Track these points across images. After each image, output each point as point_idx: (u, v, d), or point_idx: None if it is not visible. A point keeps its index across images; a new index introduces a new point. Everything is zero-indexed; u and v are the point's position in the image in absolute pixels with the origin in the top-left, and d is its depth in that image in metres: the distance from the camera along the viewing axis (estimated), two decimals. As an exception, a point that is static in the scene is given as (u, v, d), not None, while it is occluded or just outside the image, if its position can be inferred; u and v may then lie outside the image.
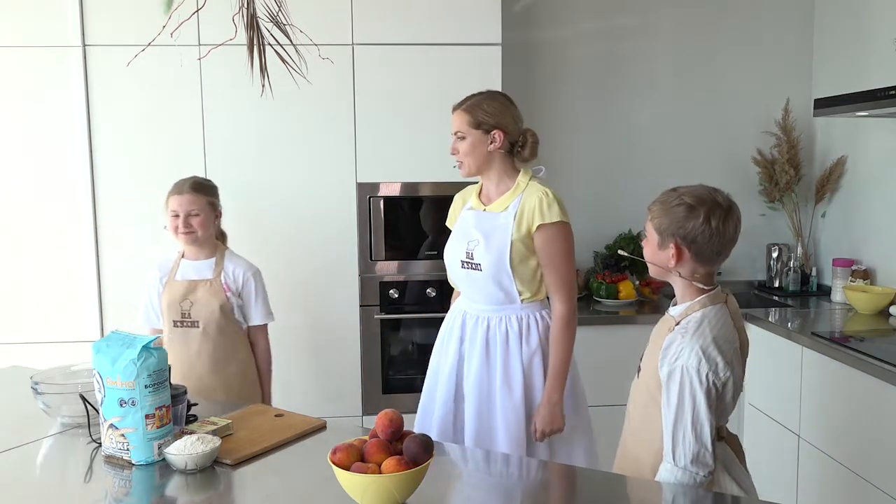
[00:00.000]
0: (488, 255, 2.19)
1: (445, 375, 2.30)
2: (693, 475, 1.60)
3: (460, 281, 2.32)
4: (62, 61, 3.00)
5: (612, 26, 3.71)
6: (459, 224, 2.34)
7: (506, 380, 2.21)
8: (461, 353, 2.29)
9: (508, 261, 2.17)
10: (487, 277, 2.21)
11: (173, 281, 2.52)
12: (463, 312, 2.31)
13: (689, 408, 1.60)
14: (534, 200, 2.18)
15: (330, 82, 3.01)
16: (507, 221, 2.19)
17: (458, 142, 2.23)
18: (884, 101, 2.73)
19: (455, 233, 2.34)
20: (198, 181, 2.58)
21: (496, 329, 2.23)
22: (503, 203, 2.23)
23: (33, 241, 3.08)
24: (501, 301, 2.23)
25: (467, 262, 2.24)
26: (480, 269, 2.21)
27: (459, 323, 2.30)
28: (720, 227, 1.67)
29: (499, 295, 2.22)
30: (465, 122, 2.21)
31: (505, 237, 2.18)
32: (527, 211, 2.18)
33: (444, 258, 2.36)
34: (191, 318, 2.48)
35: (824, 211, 3.71)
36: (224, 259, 2.57)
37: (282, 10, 1.75)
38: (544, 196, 2.17)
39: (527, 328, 2.23)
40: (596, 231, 3.74)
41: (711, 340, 1.63)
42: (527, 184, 2.23)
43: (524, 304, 2.23)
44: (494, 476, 1.75)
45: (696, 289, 1.72)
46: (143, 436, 1.64)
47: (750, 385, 3.25)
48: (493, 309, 2.24)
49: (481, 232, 2.23)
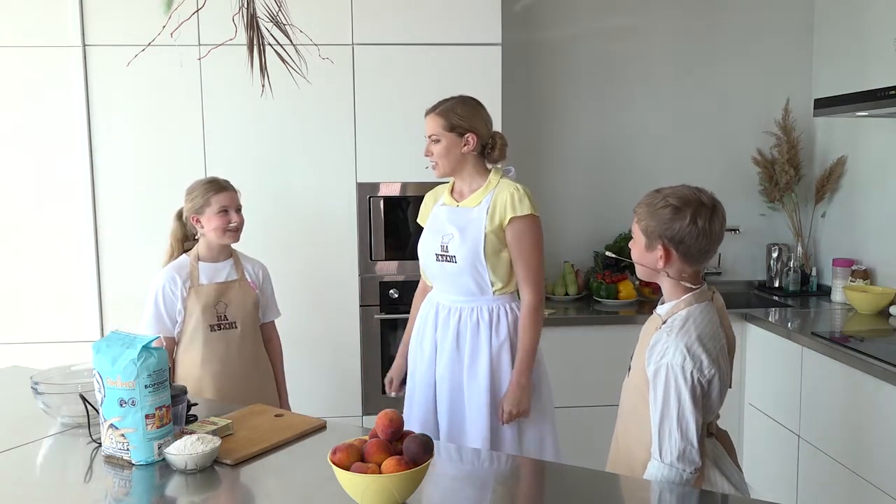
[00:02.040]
0: (463, 248, 2.28)
1: (424, 366, 2.39)
2: (680, 472, 1.61)
3: (434, 275, 2.41)
4: (62, 61, 3.00)
5: (612, 26, 3.71)
6: (433, 220, 2.42)
7: (472, 368, 2.30)
8: (435, 343, 2.37)
9: (482, 252, 2.26)
10: (462, 269, 2.29)
11: (200, 285, 2.44)
12: (436, 304, 2.39)
13: (674, 405, 1.62)
14: (506, 195, 2.27)
15: (330, 82, 3.01)
16: (480, 215, 2.29)
17: (432, 144, 2.32)
18: (884, 101, 2.74)
19: (428, 228, 2.43)
20: (225, 179, 2.52)
21: (467, 319, 2.32)
22: (476, 199, 2.32)
23: (33, 241, 3.08)
24: (474, 292, 2.31)
25: (442, 255, 2.33)
26: (455, 261, 2.30)
27: (433, 314, 2.38)
28: (707, 227, 1.68)
29: (471, 286, 2.31)
30: (440, 126, 2.30)
31: (479, 230, 2.27)
32: (499, 205, 2.27)
33: (419, 252, 2.44)
34: (228, 320, 2.46)
35: (824, 211, 3.71)
36: (240, 258, 2.57)
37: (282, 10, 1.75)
38: (515, 191, 2.27)
39: (497, 319, 2.31)
40: (596, 231, 3.75)
41: (696, 338, 1.65)
42: (498, 181, 2.33)
43: (496, 295, 2.32)
44: (494, 475, 1.75)
45: (683, 288, 1.74)
46: (143, 436, 1.64)
47: (750, 385, 3.26)
48: (465, 300, 2.33)
49: (455, 226, 2.31)
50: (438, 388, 2.36)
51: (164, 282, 2.43)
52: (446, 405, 2.34)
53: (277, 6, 1.74)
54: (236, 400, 2.28)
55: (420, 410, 2.40)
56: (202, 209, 2.44)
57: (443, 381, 2.35)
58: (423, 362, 2.40)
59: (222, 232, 2.44)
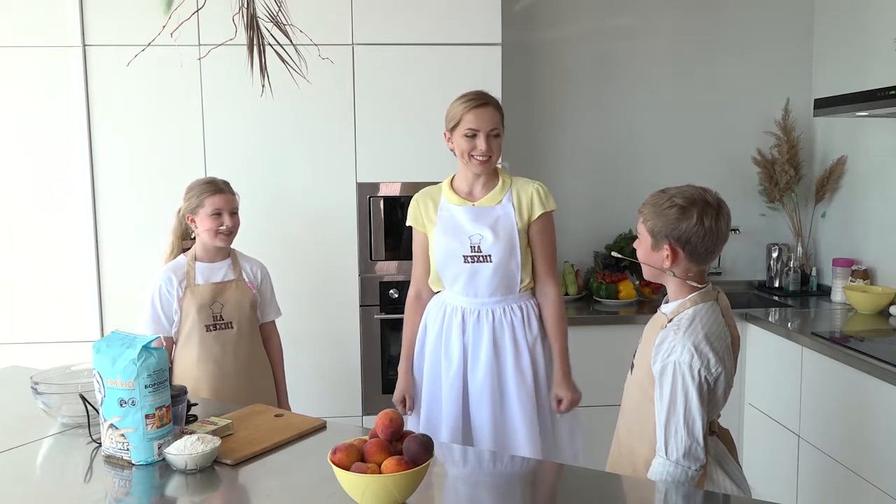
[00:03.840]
0: (498, 246, 2.26)
1: (452, 374, 2.31)
2: (685, 469, 1.62)
3: (456, 277, 2.31)
4: (62, 61, 3.00)
5: (612, 26, 3.71)
6: (448, 222, 2.32)
7: (517, 367, 2.29)
8: (463, 348, 2.31)
9: (518, 249, 2.27)
10: (496, 268, 2.27)
11: (195, 285, 2.45)
12: (460, 309, 2.32)
13: (681, 403, 1.63)
14: (530, 191, 2.30)
15: (330, 82, 3.01)
16: (507, 212, 2.28)
17: (492, 139, 2.26)
18: (884, 101, 2.73)
19: (445, 231, 2.32)
20: (224, 181, 2.52)
21: (502, 320, 2.31)
22: (495, 197, 2.31)
23: (33, 241, 3.08)
24: (504, 292, 2.31)
25: (473, 256, 2.28)
26: (490, 260, 2.27)
27: (458, 319, 2.31)
28: (713, 226, 1.70)
29: (503, 286, 2.30)
30: (500, 120, 2.29)
31: (511, 227, 2.28)
32: (524, 201, 2.30)
33: (436, 257, 2.34)
34: (224, 320, 2.46)
35: (824, 211, 3.71)
36: (238, 258, 2.56)
37: (282, 10, 1.75)
38: (540, 187, 2.32)
39: (527, 316, 2.33)
40: (596, 231, 3.75)
41: (703, 337, 1.66)
42: (510, 179, 2.34)
43: (521, 293, 2.33)
44: (493, 476, 1.75)
45: (689, 287, 1.74)
46: (143, 436, 1.64)
47: (750, 385, 3.26)
48: (496, 301, 2.31)
49: (485, 225, 2.28)
50: (475, 394, 2.29)
51: (161, 282, 2.44)
52: (488, 410, 2.27)
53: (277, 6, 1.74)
54: (233, 400, 2.28)
55: (450, 419, 2.31)
56: (196, 209, 2.44)
57: (483, 387, 2.28)
58: (452, 370, 2.31)
59: (214, 234, 2.44)
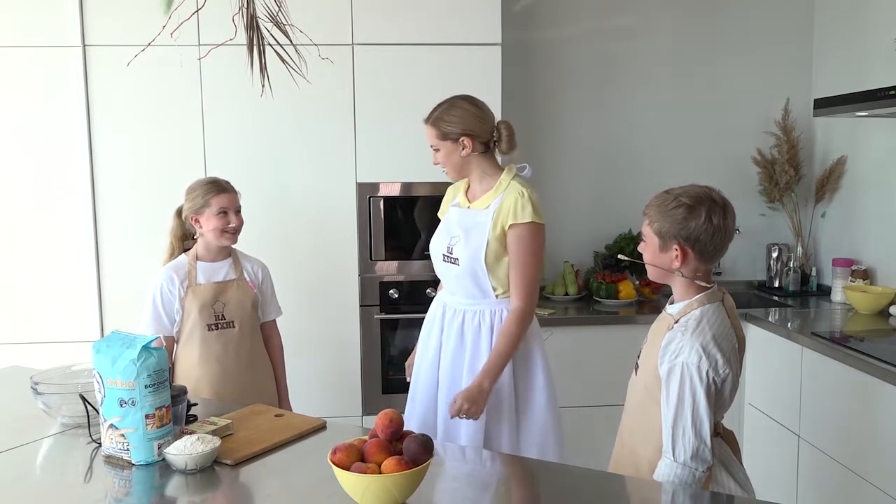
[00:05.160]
0: (466, 251, 2.28)
1: (427, 364, 2.40)
2: (692, 470, 1.62)
3: (441, 274, 2.42)
4: (62, 61, 3.00)
5: (611, 26, 3.71)
6: (445, 219, 2.44)
7: (471, 369, 2.28)
8: (440, 344, 2.38)
9: (483, 258, 2.26)
10: (464, 272, 2.29)
11: (197, 285, 2.45)
12: (443, 305, 2.39)
13: (689, 404, 1.62)
14: (511, 200, 2.24)
15: (330, 82, 3.01)
16: (486, 220, 2.28)
17: (435, 154, 2.33)
18: (884, 101, 2.73)
19: (440, 227, 2.44)
20: (225, 180, 2.52)
21: (470, 322, 2.32)
22: (485, 201, 2.31)
23: (33, 241, 3.08)
24: (476, 296, 2.31)
25: (447, 257, 2.34)
26: (458, 263, 2.30)
27: (440, 315, 2.39)
28: (721, 224, 1.70)
29: (474, 290, 2.31)
30: (435, 136, 2.31)
31: (482, 235, 2.26)
32: (503, 210, 2.25)
33: (430, 250, 2.45)
34: (225, 320, 2.46)
35: (824, 211, 3.71)
36: (239, 258, 2.57)
37: (282, 10, 1.75)
38: (520, 196, 2.23)
39: (498, 322, 2.29)
40: (596, 231, 3.75)
41: (711, 338, 1.65)
42: (508, 183, 2.29)
43: (498, 299, 2.31)
44: (494, 476, 1.75)
45: (696, 287, 1.74)
46: (143, 436, 1.64)
47: (750, 385, 3.26)
48: (468, 303, 2.33)
49: (462, 228, 2.32)
50: (440, 388, 2.37)
51: (162, 281, 2.44)
52: (444, 405, 2.34)
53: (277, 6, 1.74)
54: (234, 399, 2.28)
55: (421, 408, 2.41)
56: (201, 210, 2.44)
57: (444, 381, 2.35)
58: (427, 361, 2.41)
59: (220, 233, 2.45)
